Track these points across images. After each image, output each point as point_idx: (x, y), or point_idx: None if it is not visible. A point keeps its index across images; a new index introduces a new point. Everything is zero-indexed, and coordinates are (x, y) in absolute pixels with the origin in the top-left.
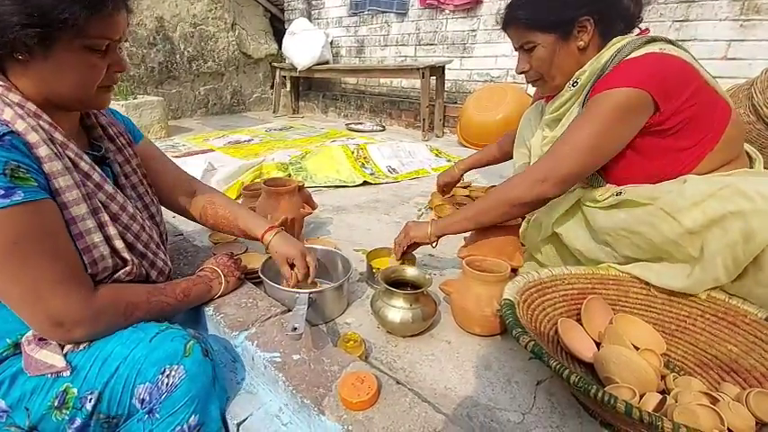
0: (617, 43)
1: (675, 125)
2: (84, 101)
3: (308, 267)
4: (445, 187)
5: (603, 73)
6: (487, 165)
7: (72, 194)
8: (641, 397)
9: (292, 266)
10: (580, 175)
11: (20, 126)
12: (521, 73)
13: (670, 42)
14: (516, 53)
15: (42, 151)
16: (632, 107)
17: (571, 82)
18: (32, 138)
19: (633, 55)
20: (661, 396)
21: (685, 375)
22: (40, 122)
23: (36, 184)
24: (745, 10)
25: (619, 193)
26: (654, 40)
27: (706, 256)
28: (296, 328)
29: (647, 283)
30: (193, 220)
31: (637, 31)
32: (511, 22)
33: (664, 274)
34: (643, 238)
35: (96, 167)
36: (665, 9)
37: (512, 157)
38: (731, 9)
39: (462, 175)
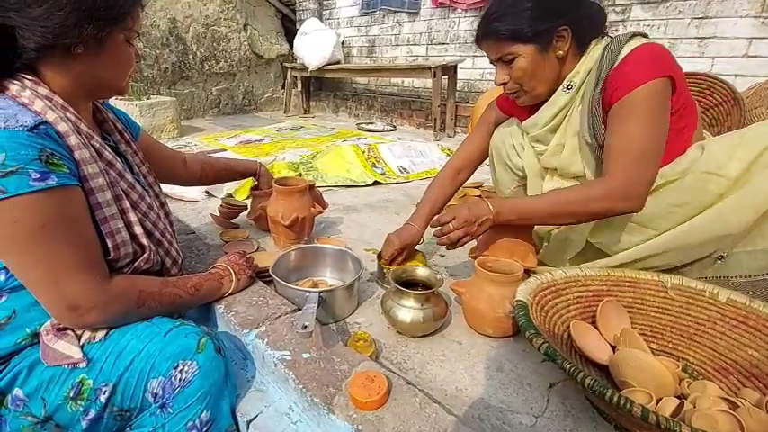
0: (598, 44)
1: (680, 105)
2: (118, 88)
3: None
4: (397, 257)
5: (603, 71)
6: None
7: (98, 181)
8: (658, 401)
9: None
10: (653, 181)
11: (50, 116)
12: (500, 85)
13: (645, 36)
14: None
15: (72, 140)
16: (666, 96)
17: (564, 86)
18: (63, 127)
19: (627, 49)
20: (678, 401)
21: (703, 380)
22: (67, 114)
23: (68, 171)
24: (766, 7)
25: None
26: (635, 35)
27: (746, 189)
28: (306, 326)
29: (664, 286)
30: (197, 184)
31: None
32: (489, 35)
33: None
34: (692, 204)
35: (117, 157)
36: (684, 6)
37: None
38: (752, 6)
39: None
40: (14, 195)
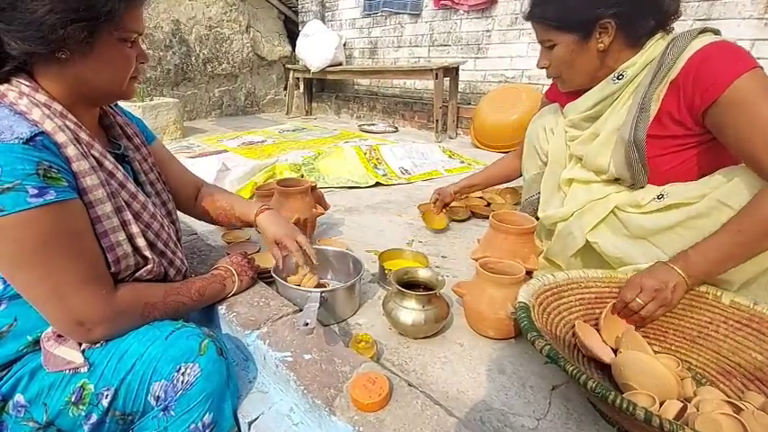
0: (663, 39)
1: None
2: (118, 93)
3: (302, 248)
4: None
5: (664, 67)
6: (500, 183)
7: (98, 193)
8: (661, 404)
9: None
10: None
11: (48, 126)
12: (541, 68)
13: (716, 32)
14: (538, 46)
15: (70, 151)
16: None
17: (614, 76)
18: (61, 138)
19: (697, 45)
20: (682, 404)
21: (707, 383)
22: (66, 122)
23: (66, 184)
24: None
25: (660, 197)
26: (705, 30)
27: None
28: (307, 323)
29: None
30: (198, 218)
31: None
32: (533, 17)
33: None
34: (700, 231)
35: (119, 166)
36: (686, 7)
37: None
38: (755, 8)
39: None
40: (12, 213)
